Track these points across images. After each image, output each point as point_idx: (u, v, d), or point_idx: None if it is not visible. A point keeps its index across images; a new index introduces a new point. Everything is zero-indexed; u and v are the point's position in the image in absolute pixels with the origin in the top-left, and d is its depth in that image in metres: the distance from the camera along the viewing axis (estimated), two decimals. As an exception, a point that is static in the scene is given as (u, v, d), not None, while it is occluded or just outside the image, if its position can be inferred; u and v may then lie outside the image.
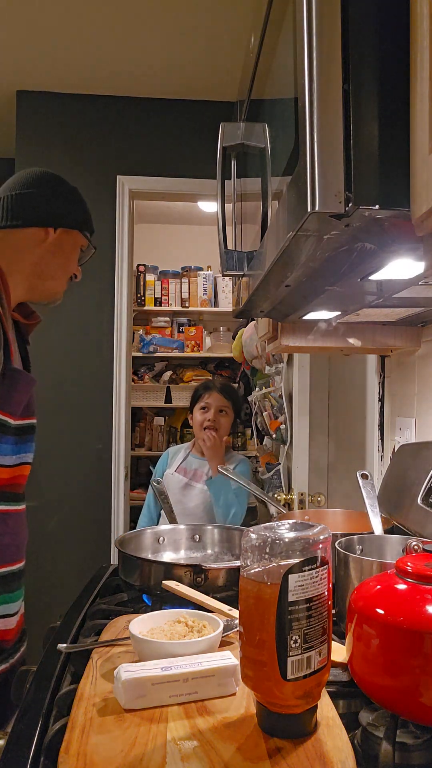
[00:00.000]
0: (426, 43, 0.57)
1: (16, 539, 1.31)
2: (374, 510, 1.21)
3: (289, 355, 2.52)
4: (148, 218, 4.43)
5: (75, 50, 2.55)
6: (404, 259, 0.76)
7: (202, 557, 1.38)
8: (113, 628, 0.99)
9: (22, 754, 0.69)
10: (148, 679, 0.75)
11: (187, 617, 0.92)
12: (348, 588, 0.99)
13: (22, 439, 1.33)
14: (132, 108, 2.95)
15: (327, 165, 0.60)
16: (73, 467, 2.89)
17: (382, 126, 0.61)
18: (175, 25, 2.36)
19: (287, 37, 0.72)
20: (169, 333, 4.51)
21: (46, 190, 1.35)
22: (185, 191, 2.99)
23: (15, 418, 1.28)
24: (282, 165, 0.75)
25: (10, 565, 1.28)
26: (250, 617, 0.69)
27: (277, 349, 1.53)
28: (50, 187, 1.36)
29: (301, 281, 0.92)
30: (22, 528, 1.35)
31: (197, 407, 2.51)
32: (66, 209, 1.37)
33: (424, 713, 0.68)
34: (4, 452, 1.27)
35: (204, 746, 0.66)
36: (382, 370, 1.75)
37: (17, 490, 1.32)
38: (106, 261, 2.89)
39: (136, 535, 1.36)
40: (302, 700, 0.68)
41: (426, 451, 1.31)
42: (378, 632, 0.72)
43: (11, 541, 1.29)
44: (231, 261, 1.06)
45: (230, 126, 1.06)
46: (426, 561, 0.78)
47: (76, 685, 0.81)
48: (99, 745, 0.67)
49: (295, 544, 0.67)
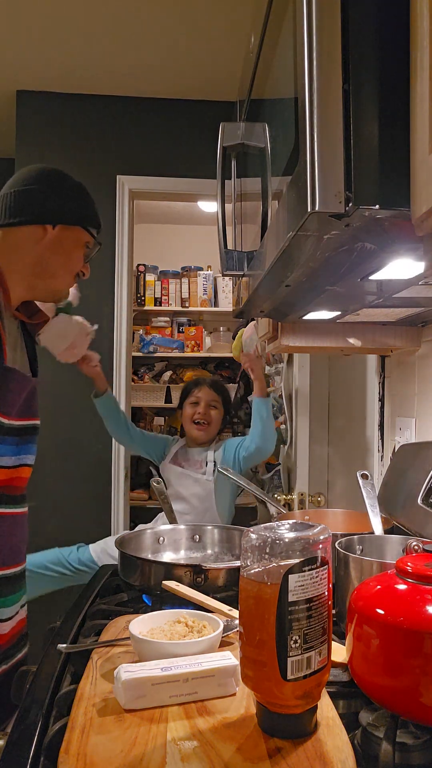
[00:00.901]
0: (426, 43, 0.57)
1: (10, 542, 1.28)
2: (374, 510, 1.21)
3: (289, 355, 2.52)
4: (148, 218, 4.43)
5: (75, 50, 2.55)
6: (404, 259, 0.76)
7: (202, 557, 1.38)
8: (113, 628, 0.99)
9: (22, 754, 0.69)
10: (148, 680, 0.75)
11: (187, 617, 0.92)
12: (348, 588, 0.99)
13: (22, 440, 1.31)
14: (132, 108, 2.95)
15: (327, 165, 0.60)
16: (73, 467, 2.89)
17: (382, 126, 0.61)
18: (175, 25, 2.36)
19: (287, 37, 0.72)
20: (169, 333, 4.51)
21: (45, 186, 1.31)
22: (185, 191, 2.99)
23: (10, 418, 1.26)
24: (282, 165, 0.75)
25: (2, 569, 1.25)
26: (250, 617, 0.69)
27: (277, 349, 1.53)
28: (49, 184, 1.32)
29: (301, 281, 0.92)
30: (18, 531, 1.31)
31: (188, 402, 2.56)
32: (65, 205, 1.33)
33: (424, 713, 0.68)
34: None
35: (204, 746, 0.66)
36: (382, 370, 1.75)
37: (13, 492, 1.29)
38: (106, 261, 2.89)
39: (136, 535, 1.36)
40: (302, 700, 0.68)
41: (426, 451, 1.31)
42: (378, 632, 0.72)
43: (3, 545, 1.26)
44: (231, 261, 1.06)
45: (230, 126, 1.06)
46: (426, 561, 0.78)
47: (76, 685, 0.81)
48: (99, 745, 0.67)
49: (295, 544, 0.67)
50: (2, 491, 1.26)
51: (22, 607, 1.34)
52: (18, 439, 1.30)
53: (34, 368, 1.40)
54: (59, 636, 1.01)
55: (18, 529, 1.31)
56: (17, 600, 1.30)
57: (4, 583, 1.26)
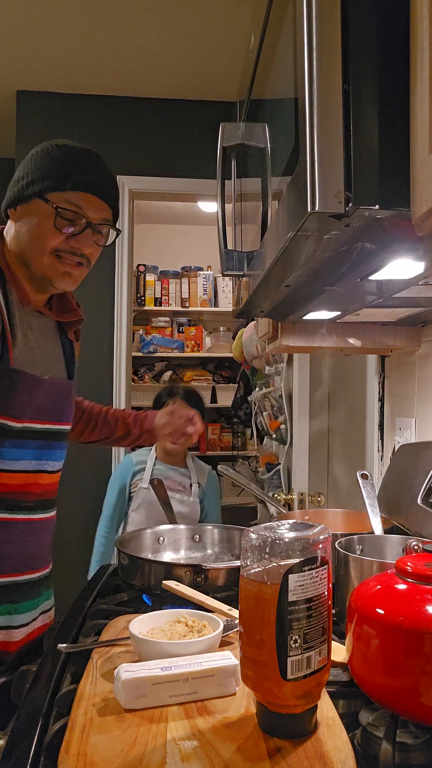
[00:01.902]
0: (426, 43, 0.57)
1: (21, 549, 1.23)
2: (374, 510, 1.21)
3: (289, 355, 2.52)
4: (148, 218, 4.43)
5: (75, 50, 2.55)
6: (404, 259, 0.76)
7: (202, 557, 1.38)
8: (113, 628, 0.99)
9: (22, 754, 0.68)
10: (148, 679, 0.75)
11: (187, 617, 0.92)
12: (348, 588, 0.99)
13: (44, 444, 1.25)
14: (132, 108, 2.95)
15: (327, 165, 0.60)
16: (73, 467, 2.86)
17: (382, 126, 0.61)
18: (175, 25, 2.37)
19: (287, 37, 0.72)
20: (169, 333, 4.51)
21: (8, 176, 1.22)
22: (185, 191, 3.00)
23: (21, 420, 1.20)
24: (282, 165, 0.75)
25: (12, 575, 1.22)
26: (250, 617, 0.69)
27: (277, 349, 1.53)
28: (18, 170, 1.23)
29: (301, 281, 0.92)
30: (34, 538, 1.26)
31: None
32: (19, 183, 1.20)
33: (424, 713, 0.68)
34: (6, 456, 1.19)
35: (204, 746, 0.66)
36: (382, 370, 1.75)
37: (27, 498, 1.24)
38: (106, 261, 2.89)
39: (136, 535, 1.36)
40: (302, 700, 0.68)
41: (426, 451, 1.31)
42: (378, 632, 0.72)
43: (14, 551, 1.22)
44: (231, 261, 1.06)
45: (230, 126, 1.06)
46: (426, 561, 0.78)
47: (76, 685, 0.81)
48: (99, 745, 0.67)
49: (295, 544, 0.67)
50: (12, 497, 1.21)
51: (42, 614, 1.29)
52: (39, 442, 1.24)
53: (70, 368, 1.34)
54: (59, 636, 1.01)
55: (35, 536, 1.26)
56: (33, 607, 1.26)
57: (16, 589, 1.22)
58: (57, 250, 1.19)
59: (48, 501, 1.30)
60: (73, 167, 1.18)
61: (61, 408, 1.29)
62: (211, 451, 4.41)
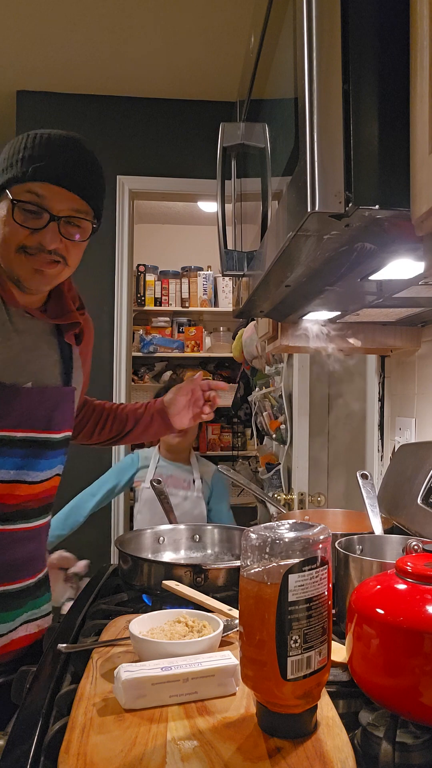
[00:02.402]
0: (426, 43, 0.57)
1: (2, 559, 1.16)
2: (374, 510, 1.21)
3: (289, 355, 2.52)
4: (148, 218, 4.43)
5: (75, 50, 2.55)
6: (404, 259, 0.76)
7: (202, 557, 1.38)
8: (113, 628, 0.99)
9: (22, 754, 0.69)
10: (148, 679, 0.75)
11: (187, 617, 0.92)
12: (348, 588, 0.99)
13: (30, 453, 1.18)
14: (132, 108, 2.95)
15: (327, 165, 0.60)
16: (72, 467, 2.87)
17: (382, 126, 0.61)
18: (175, 25, 2.37)
19: (287, 37, 0.72)
20: (169, 333, 4.51)
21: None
22: (185, 191, 3.00)
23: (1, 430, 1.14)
24: (282, 165, 0.75)
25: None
26: (250, 617, 0.69)
27: (277, 349, 1.53)
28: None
29: (301, 281, 0.92)
30: (16, 548, 1.19)
31: None
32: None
33: (424, 713, 0.68)
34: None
35: (204, 746, 0.66)
36: (382, 370, 1.75)
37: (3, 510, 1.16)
38: (106, 261, 2.89)
39: (136, 535, 1.36)
40: (302, 700, 0.68)
41: (426, 451, 1.31)
42: (378, 632, 0.72)
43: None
44: (231, 261, 1.06)
45: (230, 126, 1.06)
46: (426, 561, 0.78)
47: (76, 685, 0.81)
48: (99, 745, 0.67)
49: (295, 544, 0.67)
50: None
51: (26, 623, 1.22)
52: (21, 451, 1.16)
53: (69, 374, 1.26)
54: (59, 636, 1.01)
55: (14, 546, 1.19)
56: (10, 619, 1.18)
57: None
58: (23, 246, 1.09)
59: (30, 511, 1.20)
60: (38, 156, 1.10)
61: (50, 416, 1.20)
62: (211, 451, 4.41)
